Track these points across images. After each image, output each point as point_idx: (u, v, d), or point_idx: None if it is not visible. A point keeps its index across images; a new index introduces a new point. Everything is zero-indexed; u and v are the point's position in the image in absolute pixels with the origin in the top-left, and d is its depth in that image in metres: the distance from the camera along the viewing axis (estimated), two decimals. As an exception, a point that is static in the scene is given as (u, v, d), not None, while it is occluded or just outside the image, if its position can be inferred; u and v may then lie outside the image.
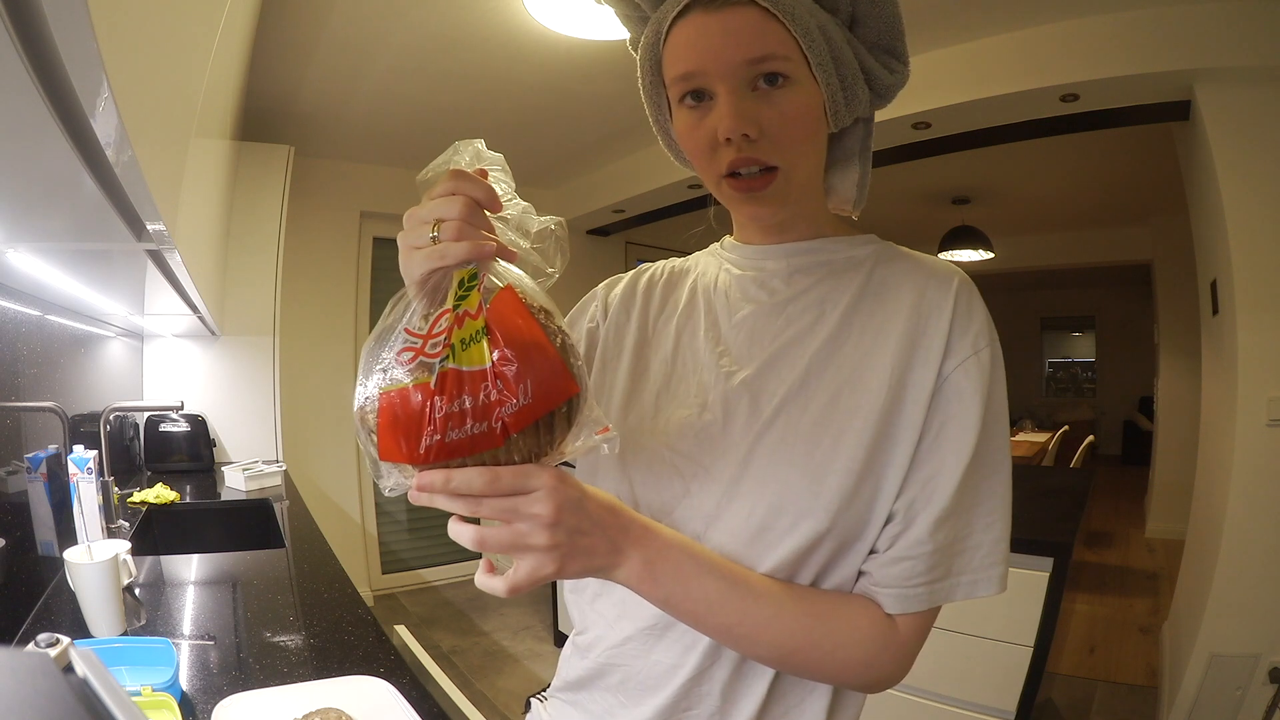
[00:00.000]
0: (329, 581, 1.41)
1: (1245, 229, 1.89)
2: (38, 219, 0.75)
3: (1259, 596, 1.87)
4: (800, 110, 0.57)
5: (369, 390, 0.46)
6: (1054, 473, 3.17)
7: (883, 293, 0.61)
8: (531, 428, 0.44)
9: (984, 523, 0.56)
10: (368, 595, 3.58)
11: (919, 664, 0.62)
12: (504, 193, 0.51)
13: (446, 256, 0.46)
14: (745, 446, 0.59)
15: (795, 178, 0.59)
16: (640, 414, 0.65)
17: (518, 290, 0.46)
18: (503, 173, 0.53)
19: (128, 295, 1.47)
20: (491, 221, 0.49)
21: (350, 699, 0.85)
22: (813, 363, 0.60)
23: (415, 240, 0.49)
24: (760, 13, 0.55)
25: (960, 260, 4.80)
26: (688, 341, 0.67)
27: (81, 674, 0.27)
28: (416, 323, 0.47)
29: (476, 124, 3.02)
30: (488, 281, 0.46)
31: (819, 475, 0.56)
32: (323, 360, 3.46)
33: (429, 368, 0.44)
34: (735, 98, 0.56)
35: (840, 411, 0.57)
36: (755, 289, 0.66)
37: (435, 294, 0.48)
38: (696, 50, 0.56)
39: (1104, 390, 8.62)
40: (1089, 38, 2.07)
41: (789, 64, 0.56)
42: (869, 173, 0.65)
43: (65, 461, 1.34)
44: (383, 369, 0.46)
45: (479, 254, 0.46)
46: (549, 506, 0.46)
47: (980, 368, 0.57)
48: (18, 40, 0.37)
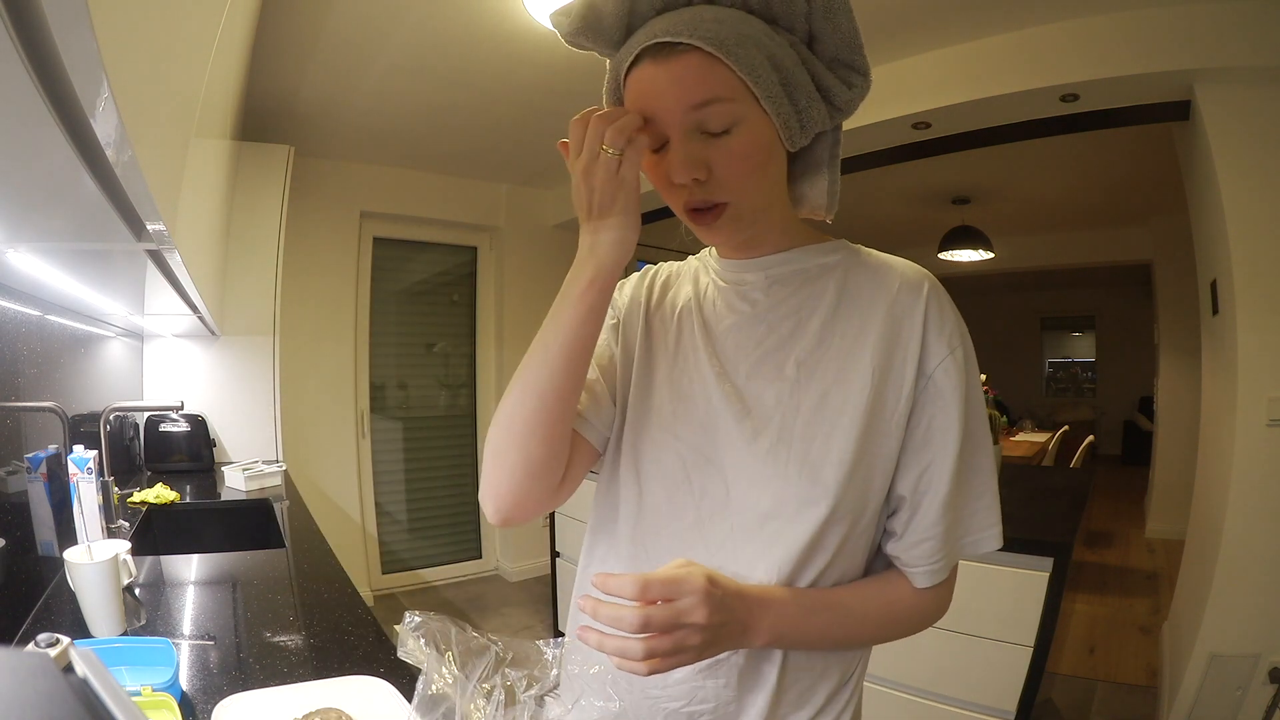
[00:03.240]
0: (329, 581, 1.41)
1: (1245, 229, 1.89)
2: (38, 219, 0.75)
3: (1259, 596, 1.87)
4: (748, 148, 0.60)
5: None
6: (1054, 473, 3.17)
7: (858, 299, 0.66)
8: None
9: (978, 493, 0.67)
10: (368, 595, 3.58)
11: (919, 664, 0.66)
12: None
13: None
14: (744, 444, 0.65)
15: (746, 209, 0.63)
16: (648, 407, 0.71)
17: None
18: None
19: (128, 295, 1.46)
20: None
21: (350, 699, 0.85)
22: (800, 367, 0.65)
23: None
24: (704, 57, 0.57)
25: (960, 260, 4.80)
26: (688, 344, 0.71)
27: (81, 674, 0.27)
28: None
29: (476, 124, 3.02)
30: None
31: (817, 468, 0.62)
32: (323, 360, 3.46)
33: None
34: (683, 144, 0.60)
35: (830, 410, 0.63)
36: (738, 300, 0.70)
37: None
38: (647, 99, 0.60)
39: (1104, 390, 8.62)
40: (1089, 38, 2.07)
41: (734, 105, 0.59)
42: (839, 179, 0.69)
43: (65, 461, 1.34)
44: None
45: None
46: (704, 613, 0.54)
47: (957, 366, 0.64)
48: (18, 40, 0.37)
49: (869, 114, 2.49)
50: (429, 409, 3.99)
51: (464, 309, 4.08)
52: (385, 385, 3.80)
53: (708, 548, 0.66)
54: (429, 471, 3.97)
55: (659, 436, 0.69)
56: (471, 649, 0.60)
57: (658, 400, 0.70)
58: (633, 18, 0.60)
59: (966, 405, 0.64)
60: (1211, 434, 2.26)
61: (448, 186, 3.78)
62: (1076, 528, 1.81)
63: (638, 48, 0.59)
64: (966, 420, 0.64)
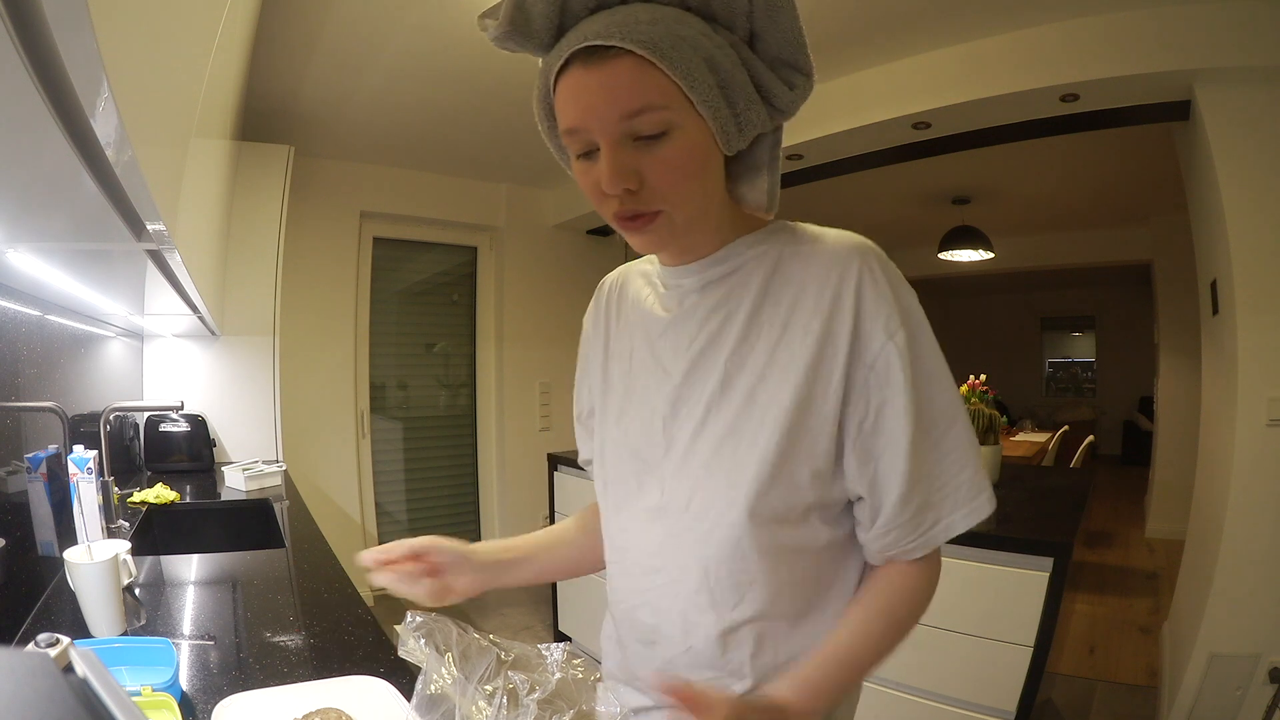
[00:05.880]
0: (329, 581, 1.41)
1: (1245, 229, 1.89)
2: (38, 219, 0.75)
3: (1259, 596, 1.87)
4: (682, 156, 0.58)
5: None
6: (1054, 473, 3.17)
7: (785, 287, 0.64)
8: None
9: (956, 468, 0.63)
10: (368, 595, 3.58)
11: (919, 664, 0.66)
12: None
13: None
14: (682, 448, 0.66)
15: (679, 216, 0.61)
16: (608, 422, 0.74)
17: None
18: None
19: (128, 295, 1.46)
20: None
21: (350, 699, 0.85)
22: (729, 365, 0.64)
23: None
24: (636, 61, 0.55)
25: (960, 260, 4.80)
26: (638, 352, 0.73)
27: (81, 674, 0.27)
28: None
29: (476, 124, 3.02)
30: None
31: (739, 469, 0.62)
32: (323, 360, 3.46)
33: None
34: (614, 153, 0.57)
35: (757, 407, 0.62)
36: (674, 303, 0.70)
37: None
38: (578, 106, 0.57)
39: (1104, 390, 8.62)
40: (1089, 38, 2.07)
41: (667, 112, 0.56)
42: (779, 181, 0.66)
43: (65, 461, 1.34)
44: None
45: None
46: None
47: (899, 350, 0.60)
48: (18, 40, 0.37)
49: (869, 114, 2.49)
50: (429, 409, 3.99)
51: (464, 309, 4.08)
52: (385, 385, 3.80)
53: (647, 551, 0.69)
54: (429, 471, 3.97)
55: (617, 440, 0.72)
56: (472, 650, 0.60)
57: (615, 414, 0.73)
58: (564, 17, 0.57)
59: (918, 385, 0.61)
60: (1211, 434, 2.26)
61: (448, 186, 3.78)
62: (1076, 528, 1.81)
63: (567, 51, 0.56)
64: (919, 406, 0.61)
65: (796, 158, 2.84)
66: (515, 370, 4.05)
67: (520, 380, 4.07)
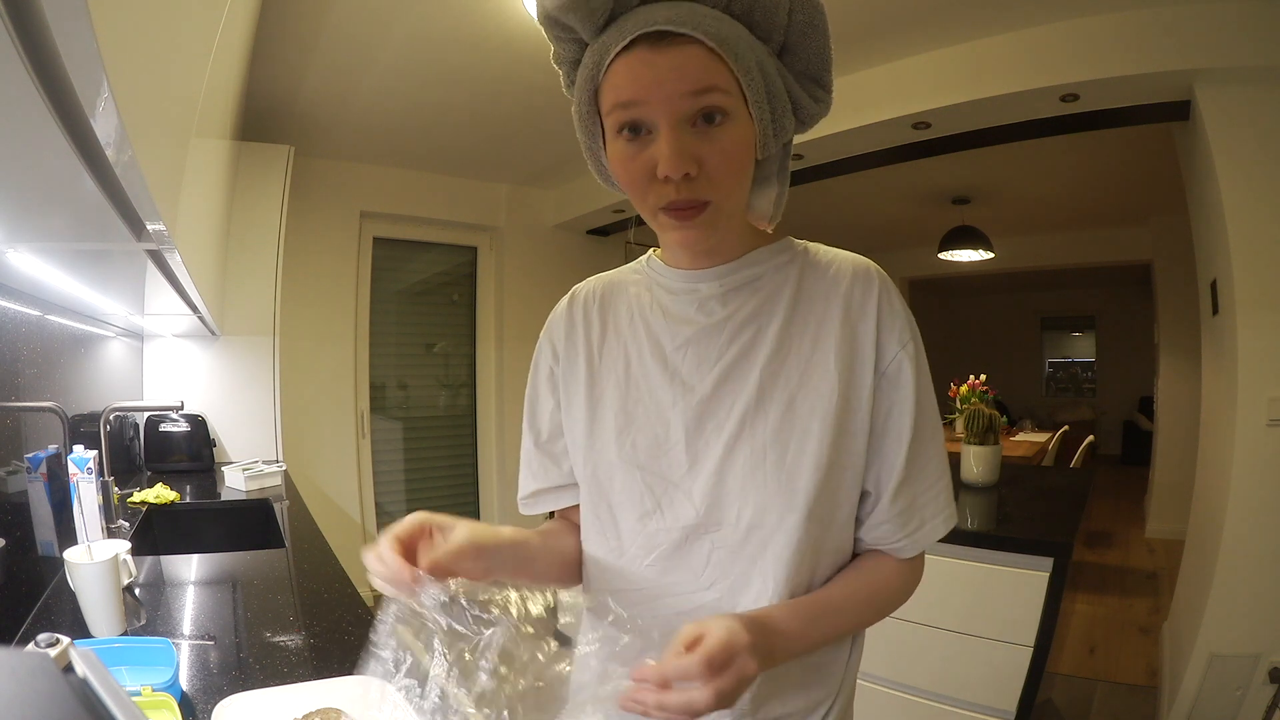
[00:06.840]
0: (329, 581, 1.41)
1: (1245, 229, 1.89)
2: (38, 219, 0.75)
3: (1259, 596, 1.87)
4: (737, 146, 0.59)
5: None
6: (1054, 473, 3.17)
7: (813, 301, 0.67)
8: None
9: (931, 480, 0.67)
10: (368, 595, 3.58)
11: (919, 664, 0.65)
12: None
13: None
14: (715, 460, 0.65)
15: (726, 209, 0.62)
16: (605, 439, 0.70)
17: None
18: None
19: (128, 295, 1.46)
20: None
21: (350, 699, 0.85)
22: (764, 376, 0.65)
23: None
24: (705, 50, 0.56)
25: (960, 260, 4.80)
26: (636, 363, 0.70)
27: (81, 674, 0.27)
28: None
29: (476, 124, 3.02)
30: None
31: (793, 476, 0.63)
32: (323, 360, 3.45)
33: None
34: (675, 134, 0.57)
35: (799, 417, 0.64)
36: (694, 312, 0.69)
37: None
38: (641, 82, 0.57)
39: (1104, 390, 8.61)
40: (1089, 38, 2.06)
41: (729, 99, 0.58)
42: (786, 191, 0.69)
43: (65, 461, 1.34)
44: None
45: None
46: (754, 665, 0.55)
47: (909, 360, 0.65)
48: (18, 40, 0.37)
49: (869, 114, 2.49)
50: (429, 409, 3.99)
51: (464, 309, 4.08)
52: (385, 385, 3.80)
53: (692, 569, 0.66)
54: (429, 471, 3.97)
55: (623, 468, 0.69)
56: (458, 634, 0.60)
57: (614, 431, 0.69)
58: (618, 5, 0.58)
59: (920, 396, 0.66)
60: (1211, 434, 2.26)
61: (448, 186, 3.78)
62: (1076, 528, 1.81)
63: (635, 31, 0.56)
64: (919, 412, 0.66)
65: (797, 158, 2.84)
66: (515, 370, 4.05)
67: (520, 380, 4.03)
